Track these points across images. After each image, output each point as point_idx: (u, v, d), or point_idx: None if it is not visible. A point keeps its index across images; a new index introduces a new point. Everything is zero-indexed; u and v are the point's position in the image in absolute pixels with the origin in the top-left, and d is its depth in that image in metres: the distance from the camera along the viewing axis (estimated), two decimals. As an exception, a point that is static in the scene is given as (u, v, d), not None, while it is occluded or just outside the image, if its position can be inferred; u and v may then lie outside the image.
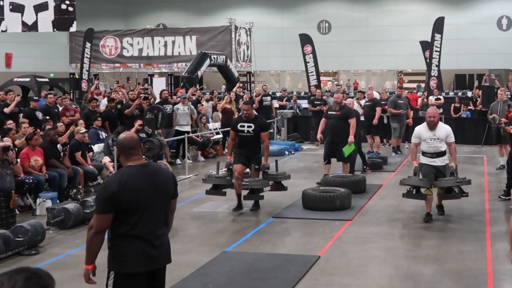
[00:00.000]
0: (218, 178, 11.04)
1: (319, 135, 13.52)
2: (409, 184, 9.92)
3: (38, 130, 12.59)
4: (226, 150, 18.88)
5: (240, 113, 11.80)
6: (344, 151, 12.72)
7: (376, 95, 19.12)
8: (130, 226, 4.56)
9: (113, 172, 4.99)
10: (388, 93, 20.72)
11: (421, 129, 9.86)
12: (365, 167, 14.98)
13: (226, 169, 11.03)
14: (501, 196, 11.58)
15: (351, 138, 12.75)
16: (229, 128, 17.54)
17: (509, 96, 19.70)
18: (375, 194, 12.35)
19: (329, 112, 13.29)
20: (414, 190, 9.90)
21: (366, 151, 16.36)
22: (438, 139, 9.68)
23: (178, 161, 16.89)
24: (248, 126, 10.67)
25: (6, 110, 14.39)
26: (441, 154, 9.74)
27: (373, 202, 11.65)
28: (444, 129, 9.78)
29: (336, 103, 13.22)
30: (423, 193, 9.78)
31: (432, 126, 9.78)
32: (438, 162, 9.72)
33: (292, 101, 23.17)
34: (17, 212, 10.18)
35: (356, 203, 11.12)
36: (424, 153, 9.80)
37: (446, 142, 9.73)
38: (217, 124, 19.58)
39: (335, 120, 12.97)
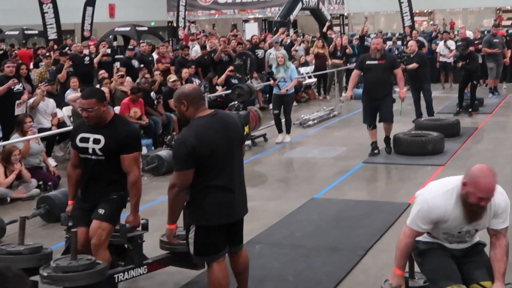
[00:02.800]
0: None
1: (350, 93, 10.86)
2: None
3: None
4: (320, 95, 18.81)
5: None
6: (400, 108, 10.96)
7: (469, 34, 18.43)
8: (210, 177, 4.53)
9: (185, 127, 4.89)
10: (481, 33, 19.91)
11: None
12: (470, 110, 14.50)
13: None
14: None
15: (403, 93, 10.61)
16: (320, 72, 17.47)
17: None
18: (469, 137, 11.97)
19: (367, 62, 10.47)
20: None
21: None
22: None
23: (270, 106, 16.91)
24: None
25: (95, 60, 14.88)
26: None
27: (467, 146, 11.31)
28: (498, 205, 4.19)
29: (377, 49, 10.46)
30: None
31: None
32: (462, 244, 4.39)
33: (391, 42, 22.57)
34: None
35: (449, 147, 10.83)
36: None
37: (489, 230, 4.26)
38: (309, 68, 19.41)
39: (377, 72, 10.36)
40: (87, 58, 14.79)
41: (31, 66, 16.57)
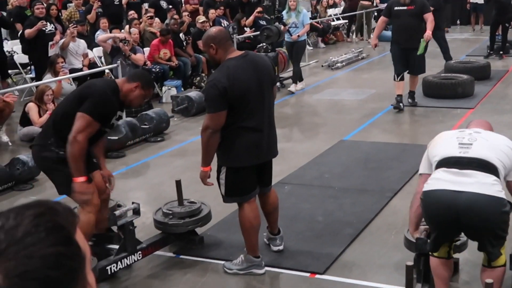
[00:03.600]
0: None
1: (374, 41, 10.06)
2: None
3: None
4: (350, 37, 18.61)
5: None
6: (421, 48, 9.51)
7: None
8: (241, 119, 4.54)
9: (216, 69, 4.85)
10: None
11: None
12: (501, 52, 14.31)
13: None
14: None
15: (428, 33, 9.40)
16: (348, 14, 17.16)
17: None
18: (500, 80, 11.87)
19: (395, 8, 9.60)
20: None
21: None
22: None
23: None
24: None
25: (124, 0, 14.80)
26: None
27: (497, 89, 11.23)
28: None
29: None
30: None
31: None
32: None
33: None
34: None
35: (479, 90, 10.76)
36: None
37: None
38: (337, 10, 19.20)
39: (406, 18, 9.48)
40: (117, -1, 14.77)
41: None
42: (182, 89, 11.52)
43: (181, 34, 12.58)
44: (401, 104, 9.86)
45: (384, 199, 6.31)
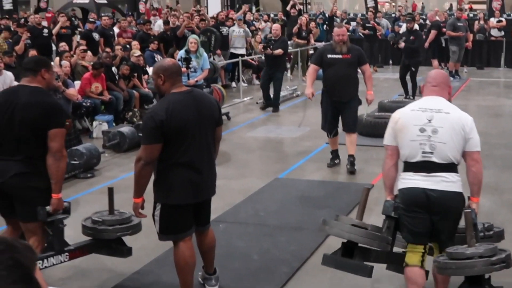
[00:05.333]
0: None
1: (309, 90, 8.58)
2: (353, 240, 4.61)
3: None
4: (287, 73, 18.72)
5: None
6: (365, 113, 8.70)
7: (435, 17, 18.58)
8: (178, 155, 4.47)
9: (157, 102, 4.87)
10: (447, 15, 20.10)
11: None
12: (410, 97, 14.49)
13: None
14: None
15: (370, 95, 8.57)
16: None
17: None
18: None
19: (328, 56, 8.49)
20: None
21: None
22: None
23: (233, 84, 16.83)
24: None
25: (54, 31, 14.59)
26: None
27: (429, 129, 11.38)
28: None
29: (342, 41, 8.40)
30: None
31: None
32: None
33: (355, 23, 22.52)
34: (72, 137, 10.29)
35: (412, 129, 10.87)
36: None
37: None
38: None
39: (341, 68, 8.39)
40: (45, 30, 14.47)
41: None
42: (114, 124, 11.26)
43: (113, 68, 12.35)
44: (336, 160, 9.00)
45: (320, 237, 6.21)
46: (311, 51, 18.87)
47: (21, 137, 4.62)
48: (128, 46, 14.17)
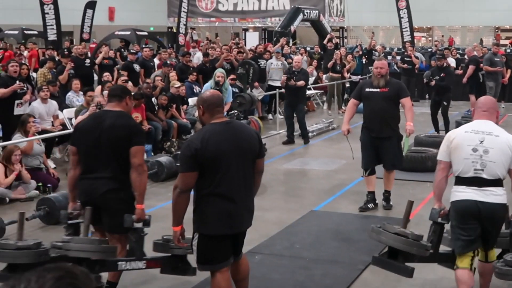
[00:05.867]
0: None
1: (345, 127, 8.48)
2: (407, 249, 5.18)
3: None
4: (323, 106, 18.80)
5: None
6: (404, 144, 8.49)
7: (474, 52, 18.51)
8: (214, 185, 4.54)
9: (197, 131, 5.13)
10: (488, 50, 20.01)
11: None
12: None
13: None
14: None
15: (410, 126, 8.19)
16: (318, 85, 17.45)
17: None
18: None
19: (366, 90, 8.31)
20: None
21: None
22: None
23: (270, 116, 16.96)
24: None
25: (97, 61, 14.92)
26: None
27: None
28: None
29: (380, 74, 8.18)
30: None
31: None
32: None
33: (391, 57, 22.60)
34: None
35: (448, 165, 10.84)
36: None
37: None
38: (310, 80, 19.45)
39: (379, 102, 8.18)
40: (87, 61, 14.80)
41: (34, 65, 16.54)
42: (152, 153, 11.44)
43: (153, 98, 12.58)
44: (370, 204, 8.49)
45: (355, 272, 6.24)
46: (348, 84, 18.98)
47: (108, 156, 5.13)
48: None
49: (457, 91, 14.68)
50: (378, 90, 8.21)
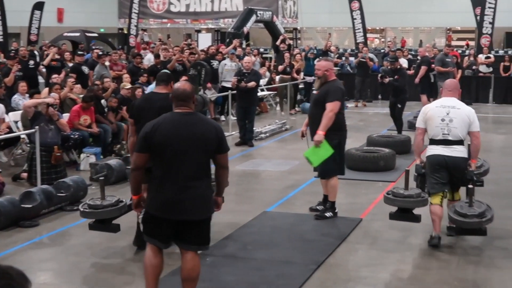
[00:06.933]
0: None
1: (304, 128, 8.22)
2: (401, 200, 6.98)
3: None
4: (276, 107, 18.73)
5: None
6: (307, 156, 7.76)
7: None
8: (162, 170, 4.77)
9: None
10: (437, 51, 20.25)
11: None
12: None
13: None
14: None
15: (317, 135, 7.56)
16: (270, 86, 17.39)
17: None
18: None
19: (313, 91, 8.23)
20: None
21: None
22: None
23: (223, 117, 16.84)
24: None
25: (44, 62, 14.64)
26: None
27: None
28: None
29: (316, 75, 7.96)
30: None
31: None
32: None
33: (343, 58, 22.70)
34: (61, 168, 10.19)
35: (400, 163, 10.88)
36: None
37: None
38: (262, 81, 19.38)
39: (312, 104, 8.07)
40: (31, 62, 14.48)
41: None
42: (102, 156, 11.20)
43: (102, 100, 12.33)
44: (320, 206, 8.22)
45: (308, 271, 6.17)
46: (301, 85, 18.98)
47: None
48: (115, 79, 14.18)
49: (409, 91, 14.72)
50: (314, 92, 8.09)
